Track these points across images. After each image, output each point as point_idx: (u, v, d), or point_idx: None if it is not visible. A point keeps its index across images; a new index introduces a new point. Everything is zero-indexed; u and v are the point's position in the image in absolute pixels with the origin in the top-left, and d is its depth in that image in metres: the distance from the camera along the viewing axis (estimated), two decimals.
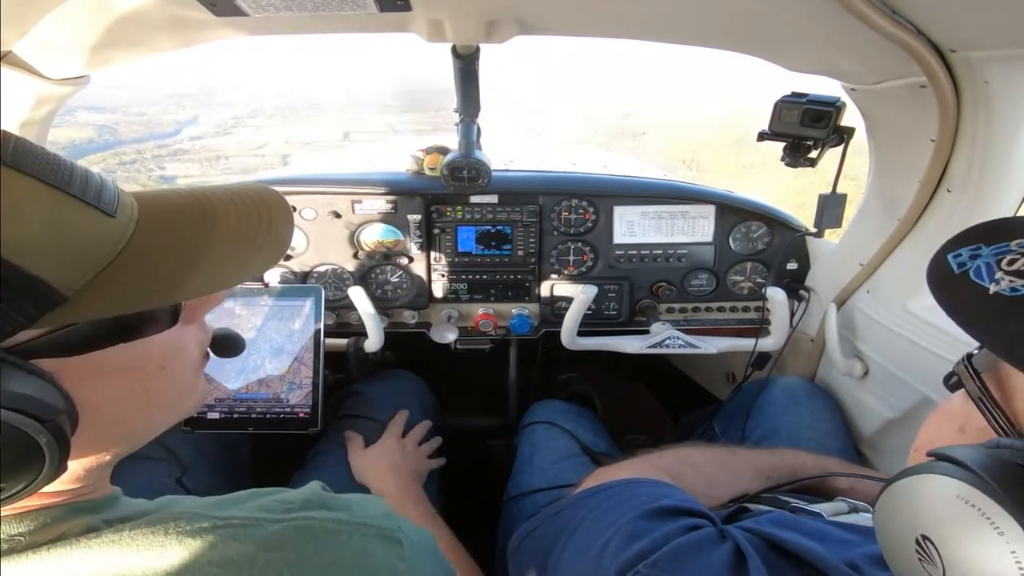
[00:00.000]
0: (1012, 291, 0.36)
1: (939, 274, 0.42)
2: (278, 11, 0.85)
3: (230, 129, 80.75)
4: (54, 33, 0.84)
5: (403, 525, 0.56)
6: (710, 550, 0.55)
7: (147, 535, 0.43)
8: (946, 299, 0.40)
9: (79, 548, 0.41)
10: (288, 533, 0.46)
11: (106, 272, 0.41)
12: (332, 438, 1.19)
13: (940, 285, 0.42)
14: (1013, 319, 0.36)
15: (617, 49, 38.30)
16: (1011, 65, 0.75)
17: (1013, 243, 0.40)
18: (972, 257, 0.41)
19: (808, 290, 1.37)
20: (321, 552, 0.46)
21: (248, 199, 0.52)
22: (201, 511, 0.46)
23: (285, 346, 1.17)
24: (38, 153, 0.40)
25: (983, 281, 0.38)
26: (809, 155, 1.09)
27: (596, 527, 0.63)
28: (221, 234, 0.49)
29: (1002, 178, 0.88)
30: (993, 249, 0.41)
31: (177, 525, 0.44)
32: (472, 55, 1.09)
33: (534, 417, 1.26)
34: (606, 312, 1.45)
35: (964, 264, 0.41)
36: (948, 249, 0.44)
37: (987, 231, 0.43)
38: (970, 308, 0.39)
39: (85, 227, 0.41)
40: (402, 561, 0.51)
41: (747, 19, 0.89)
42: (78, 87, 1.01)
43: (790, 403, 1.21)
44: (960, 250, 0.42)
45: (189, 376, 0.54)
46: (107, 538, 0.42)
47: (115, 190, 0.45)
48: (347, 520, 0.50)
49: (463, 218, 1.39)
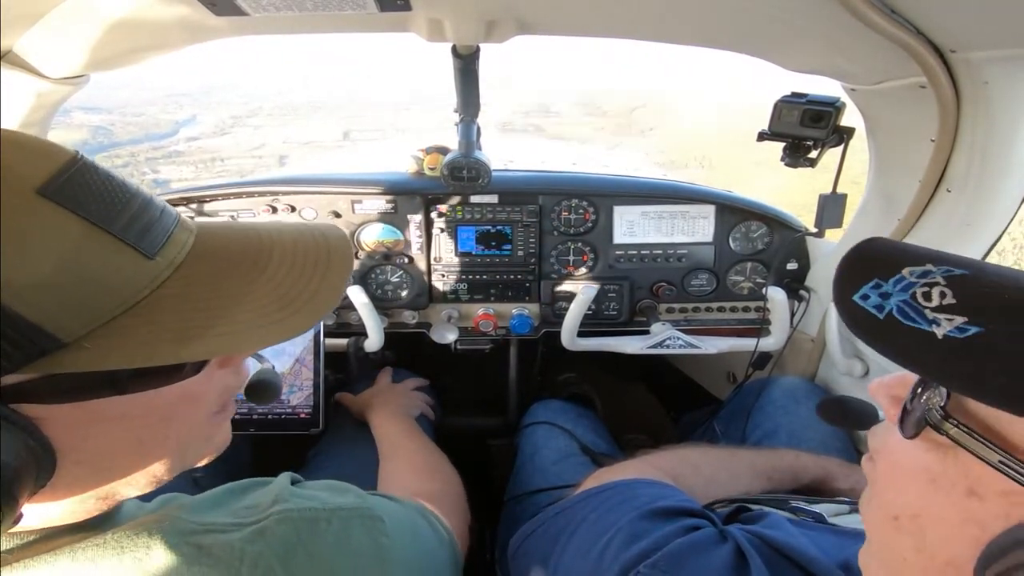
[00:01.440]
0: (961, 332, 0.34)
1: (863, 323, 0.39)
2: (278, 10, 0.85)
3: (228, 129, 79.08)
4: (54, 33, 0.84)
5: (380, 503, 0.57)
6: (711, 551, 0.55)
7: (132, 539, 0.43)
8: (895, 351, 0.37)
9: (64, 556, 0.41)
10: (268, 526, 0.47)
11: (117, 321, 0.38)
12: (333, 437, 1.19)
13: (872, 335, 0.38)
14: (983, 361, 0.33)
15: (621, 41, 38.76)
16: (1011, 65, 0.75)
17: (904, 272, 0.39)
18: (882, 296, 0.39)
19: (808, 290, 1.37)
20: (304, 542, 0.47)
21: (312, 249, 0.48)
22: (183, 515, 0.46)
23: (286, 347, 1.17)
24: (91, 182, 0.37)
25: (919, 324, 0.36)
26: (809, 155, 1.09)
27: (597, 528, 0.63)
28: (261, 291, 0.45)
29: (1002, 178, 0.88)
30: (895, 284, 0.39)
31: (160, 527, 0.44)
32: (472, 55, 1.09)
33: (534, 417, 1.26)
34: (606, 312, 1.44)
35: (881, 307, 0.38)
36: (848, 292, 0.41)
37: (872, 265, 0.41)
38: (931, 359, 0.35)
39: (110, 270, 0.38)
40: (386, 537, 0.52)
41: (747, 19, 0.89)
42: (78, 87, 1.01)
43: (790, 403, 1.21)
44: (862, 289, 0.40)
45: (200, 428, 0.49)
46: (92, 542, 0.42)
47: (168, 226, 0.42)
48: (321, 507, 0.50)
49: (463, 218, 1.39)
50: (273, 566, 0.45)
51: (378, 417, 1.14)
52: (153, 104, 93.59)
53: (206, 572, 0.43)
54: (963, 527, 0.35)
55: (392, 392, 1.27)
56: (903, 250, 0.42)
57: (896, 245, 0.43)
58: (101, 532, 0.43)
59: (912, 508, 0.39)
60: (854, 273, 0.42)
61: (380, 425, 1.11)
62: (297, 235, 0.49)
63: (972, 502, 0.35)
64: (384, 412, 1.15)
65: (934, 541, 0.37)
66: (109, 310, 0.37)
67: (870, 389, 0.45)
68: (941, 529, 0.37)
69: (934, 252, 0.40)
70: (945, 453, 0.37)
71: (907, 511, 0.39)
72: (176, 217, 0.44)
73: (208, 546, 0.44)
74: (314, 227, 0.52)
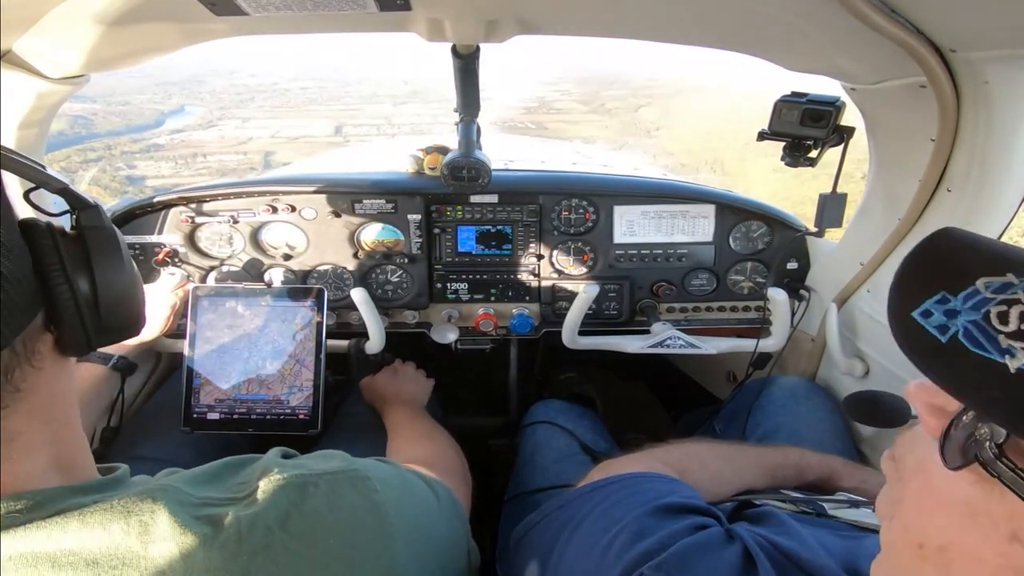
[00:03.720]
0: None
1: (922, 345, 0.34)
2: (278, 10, 0.85)
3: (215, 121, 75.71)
4: (54, 33, 0.84)
5: (367, 463, 0.59)
6: (718, 551, 0.54)
7: (138, 504, 0.45)
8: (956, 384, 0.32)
9: (74, 519, 0.43)
10: (258, 497, 0.49)
11: None
12: (332, 438, 1.19)
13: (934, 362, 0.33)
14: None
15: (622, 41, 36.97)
16: (1011, 65, 0.75)
17: (979, 284, 0.32)
18: (948, 314, 0.33)
19: (809, 290, 1.37)
20: (297, 505, 0.49)
21: None
22: (183, 486, 0.49)
23: (286, 347, 1.16)
24: None
25: (989, 354, 0.30)
26: (809, 155, 1.09)
27: (602, 522, 0.62)
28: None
29: (1002, 178, 0.88)
30: (965, 299, 0.33)
31: (164, 495, 0.46)
32: (472, 55, 1.09)
33: (535, 417, 1.26)
34: (607, 312, 1.44)
35: (946, 327, 0.33)
36: (909, 306, 0.35)
37: (938, 272, 0.35)
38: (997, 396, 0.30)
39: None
40: (377, 493, 0.54)
41: (747, 19, 0.89)
42: (78, 86, 1.01)
43: (791, 402, 1.21)
44: (925, 305, 0.34)
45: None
46: (101, 506, 0.44)
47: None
48: (308, 472, 0.52)
49: (463, 218, 1.39)
50: (271, 527, 0.47)
51: (390, 407, 1.21)
52: (142, 93, 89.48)
53: (207, 535, 0.45)
54: (997, 572, 0.32)
55: (402, 382, 1.32)
56: (981, 252, 0.34)
57: (973, 243, 0.35)
58: (109, 497, 0.45)
59: (941, 540, 0.36)
60: (917, 282, 0.35)
61: (391, 412, 1.18)
62: None
63: (1014, 548, 0.32)
64: (396, 402, 1.22)
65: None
66: None
67: (907, 389, 0.40)
68: (972, 568, 0.34)
69: (1018, 255, 0.33)
70: (991, 489, 0.33)
71: (935, 541, 0.36)
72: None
73: (206, 516, 0.47)
74: None
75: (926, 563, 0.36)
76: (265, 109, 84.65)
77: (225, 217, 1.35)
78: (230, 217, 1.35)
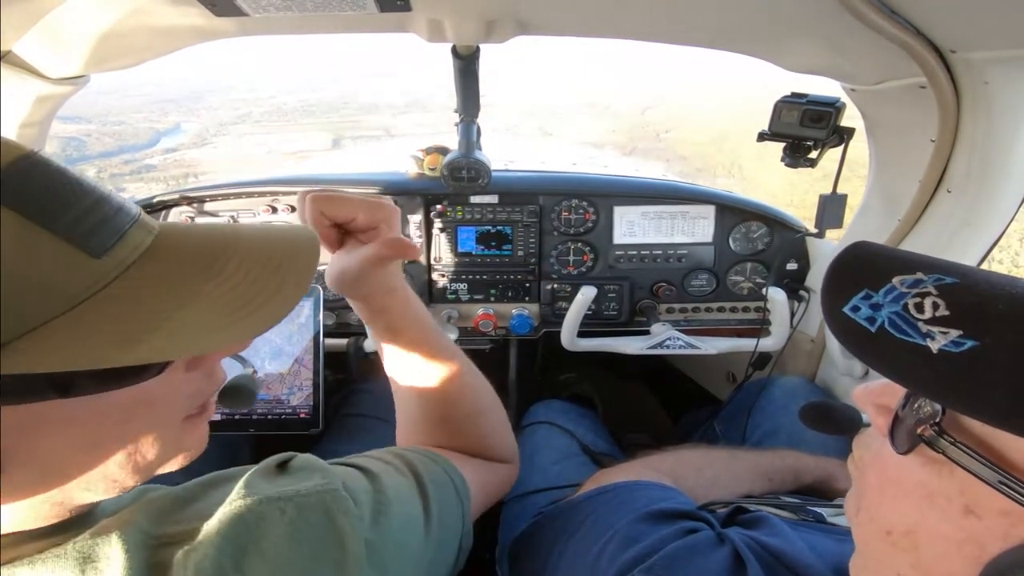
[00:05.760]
0: (956, 346, 0.33)
1: (854, 336, 0.37)
2: (278, 11, 0.85)
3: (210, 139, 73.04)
4: (54, 33, 0.84)
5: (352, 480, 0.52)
6: (707, 553, 0.55)
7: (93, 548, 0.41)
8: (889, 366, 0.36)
9: (23, 567, 0.39)
10: (215, 527, 0.43)
11: (56, 322, 0.36)
12: (332, 436, 1.19)
13: (864, 348, 0.37)
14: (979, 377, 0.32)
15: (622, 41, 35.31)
16: (1011, 65, 0.75)
17: (895, 281, 0.37)
18: (873, 307, 0.37)
19: (808, 290, 1.37)
20: (254, 538, 0.43)
21: (279, 249, 0.46)
22: (143, 521, 0.44)
23: (285, 347, 1.17)
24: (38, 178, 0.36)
25: (913, 338, 0.35)
26: (809, 155, 1.09)
27: (594, 530, 0.63)
28: (214, 292, 0.42)
29: (1002, 178, 0.88)
30: (885, 294, 0.37)
31: (122, 536, 0.42)
32: (472, 55, 1.09)
33: (534, 417, 1.26)
34: (606, 312, 1.44)
35: (873, 319, 0.37)
36: (837, 303, 0.39)
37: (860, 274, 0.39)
38: (926, 375, 0.34)
39: (49, 269, 0.36)
40: (348, 516, 0.48)
41: (747, 19, 0.89)
42: (78, 87, 1.01)
43: (791, 403, 1.21)
44: (852, 301, 0.38)
45: (166, 431, 0.45)
46: (54, 552, 0.40)
47: (122, 226, 0.40)
48: (277, 496, 0.46)
49: (463, 218, 1.39)
50: (224, 567, 0.42)
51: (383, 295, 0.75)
52: (138, 111, 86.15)
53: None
54: (961, 546, 0.34)
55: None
56: (891, 256, 0.40)
57: (883, 251, 0.41)
58: (64, 541, 0.41)
59: (906, 524, 0.38)
60: (842, 283, 0.40)
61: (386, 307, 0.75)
62: (263, 235, 0.47)
63: (970, 520, 0.34)
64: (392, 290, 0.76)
65: (930, 558, 0.36)
66: (47, 311, 0.36)
67: (854, 395, 0.44)
68: (938, 546, 0.36)
69: (923, 259, 0.39)
70: (940, 468, 0.35)
71: (900, 527, 0.38)
72: (135, 216, 0.42)
73: (159, 564, 0.42)
74: (284, 228, 0.51)
75: (896, 549, 0.38)
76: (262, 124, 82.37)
77: (225, 217, 1.35)
78: (230, 217, 1.35)
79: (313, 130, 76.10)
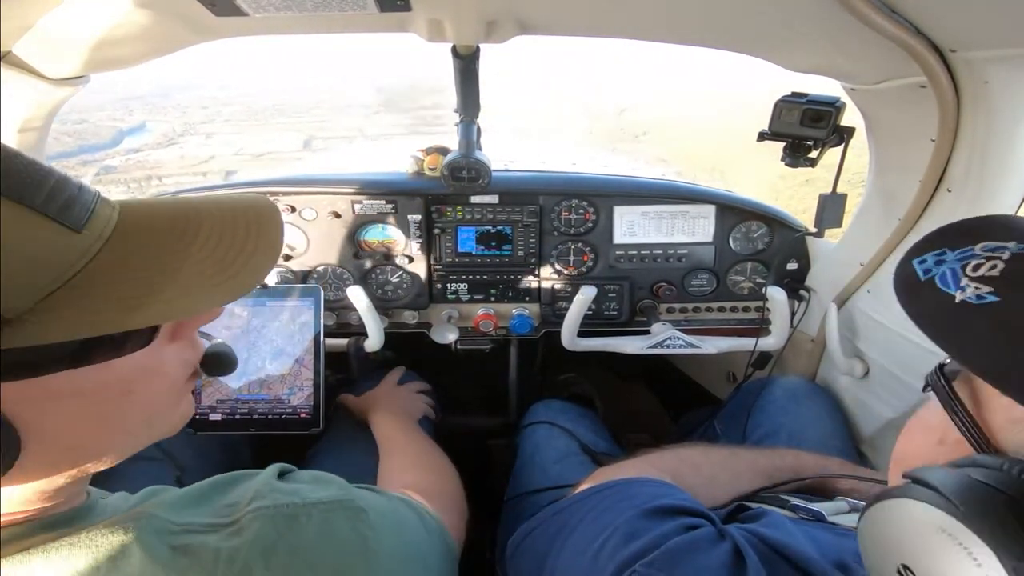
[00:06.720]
0: (978, 299, 0.35)
1: (905, 281, 0.41)
2: (278, 11, 0.85)
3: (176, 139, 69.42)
4: (54, 33, 0.84)
5: (363, 495, 0.57)
6: (708, 549, 0.55)
7: (107, 537, 0.43)
8: (912, 307, 0.40)
9: (38, 555, 0.41)
10: (245, 524, 0.47)
11: (58, 294, 0.38)
12: (333, 437, 1.19)
13: (905, 292, 0.41)
14: (977, 328, 0.35)
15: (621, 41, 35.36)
16: (1011, 65, 0.75)
17: (977, 247, 0.39)
18: (937, 263, 0.40)
19: (808, 290, 1.37)
20: (284, 538, 0.47)
21: (241, 214, 0.49)
22: (162, 513, 0.47)
23: (285, 347, 1.17)
24: (7, 159, 0.37)
25: (948, 288, 0.38)
26: (809, 155, 1.09)
27: (594, 527, 0.63)
28: (196, 256, 0.45)
29: (1002, 178, 0.88)
30: (958, 254, 0.39)
31: (137, 526, 0.44)
32: (472, 55, 1.09)
33: (535, 417, 1.26)
34: (606, 312, 1.44)
35: (930, 271, 0.40)
36: (913, 255, 0.43)
37: (953, 234, 0.42)
38: (936, 317, 0.38)
39: (38, 244, 0.38)
40: (370, 529, 0.52)
41: (747, 19, 0.89)
42: (78, 87, 1.01)
43: (791, 403, 1.21)
44: (925, 256, 0.42)
45: (164, 399, 0.49)
46: (67, 540, 0.42)
47: (90, 201, 0.42)
48: (300, 502, 0.50)
49: (463, 218, 1.39)
50: (251, 563, 0.45)
51: (379, 416, 1.14)
52: (101, 109, 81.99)
53: (183, 567, 0.43)
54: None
55: (396, 394, 1.27)
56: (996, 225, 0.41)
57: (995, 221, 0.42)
58: (76, 530, 0.43)
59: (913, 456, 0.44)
60: (932, 240, 0.42)
61: (380, 424, 1.12)
62: (221, 202, 0.50)
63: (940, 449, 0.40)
64: (386, 412, 1.16)
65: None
66: (45, 284, 0.38)
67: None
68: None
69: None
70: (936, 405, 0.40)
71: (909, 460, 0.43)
72: (96, 194, 0.44)
73: (184, 547, 0.44)
74: (236, 194, 0.54)
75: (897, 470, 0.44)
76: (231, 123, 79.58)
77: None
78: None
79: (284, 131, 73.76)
